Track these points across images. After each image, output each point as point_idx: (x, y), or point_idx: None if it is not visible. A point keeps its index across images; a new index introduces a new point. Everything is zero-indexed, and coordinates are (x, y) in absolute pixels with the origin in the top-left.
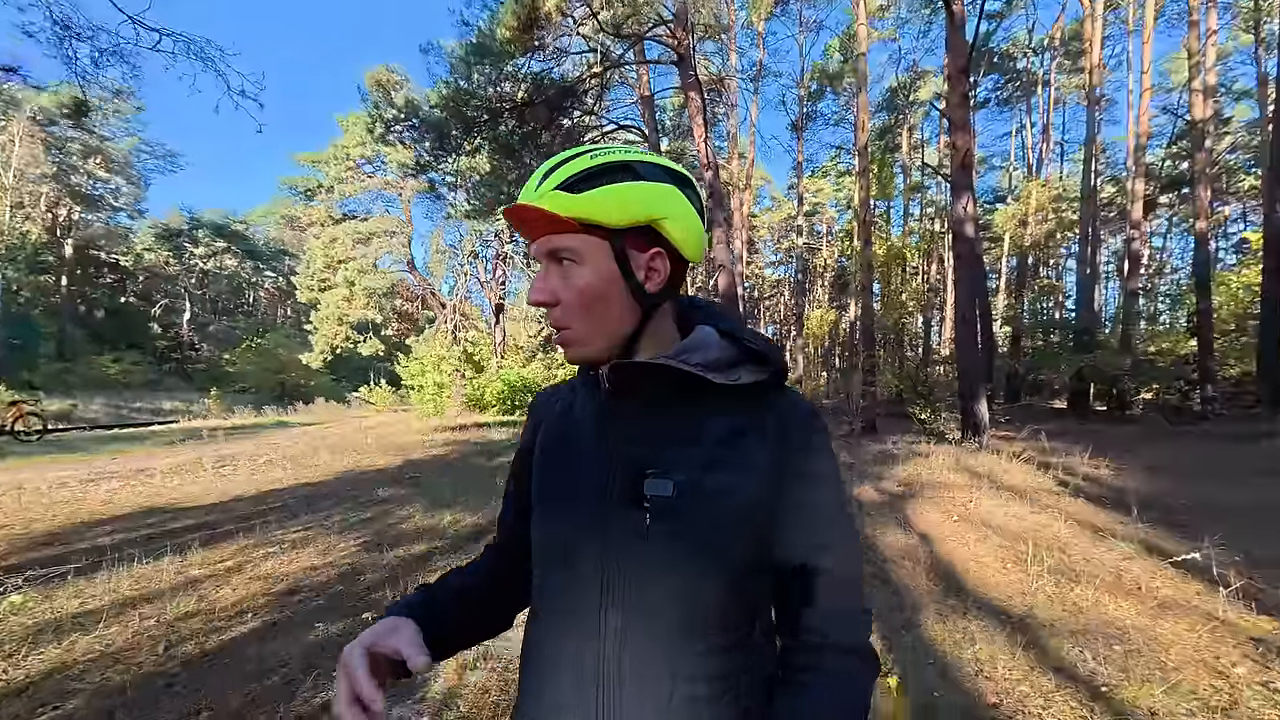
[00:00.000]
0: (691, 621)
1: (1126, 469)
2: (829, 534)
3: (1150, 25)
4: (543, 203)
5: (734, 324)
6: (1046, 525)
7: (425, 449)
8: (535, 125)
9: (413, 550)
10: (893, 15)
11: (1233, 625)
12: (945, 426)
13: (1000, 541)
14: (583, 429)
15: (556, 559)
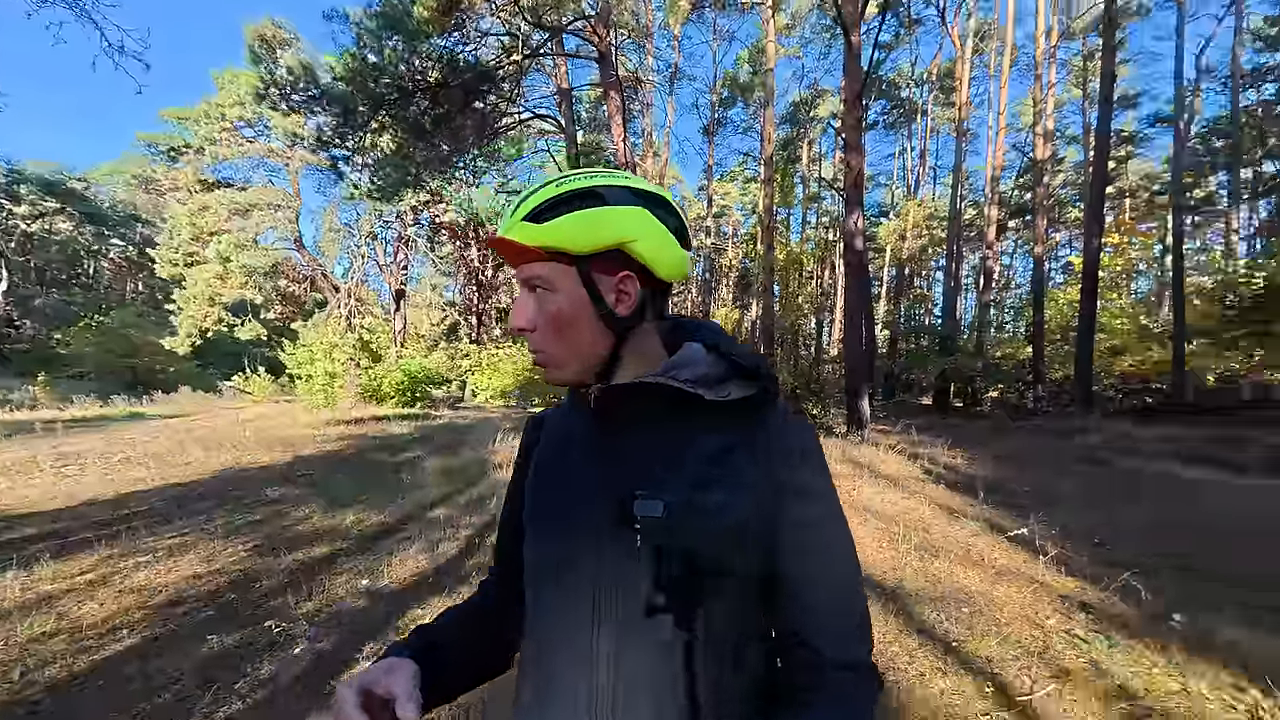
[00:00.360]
0: (685, 642)
1: (977, 459)
2: (826, 551)
3: (1006, 73)
4: (512, 234)
5: (722, 340)
6: (914, 509)
7: (316, 444)
8: (449, 107)
9: (313, 553)
10: (798, 35)
11: (1048, 586)
12: (833, 421)
13: (877, 524)
14: (573, 450)
15: (548, 581)
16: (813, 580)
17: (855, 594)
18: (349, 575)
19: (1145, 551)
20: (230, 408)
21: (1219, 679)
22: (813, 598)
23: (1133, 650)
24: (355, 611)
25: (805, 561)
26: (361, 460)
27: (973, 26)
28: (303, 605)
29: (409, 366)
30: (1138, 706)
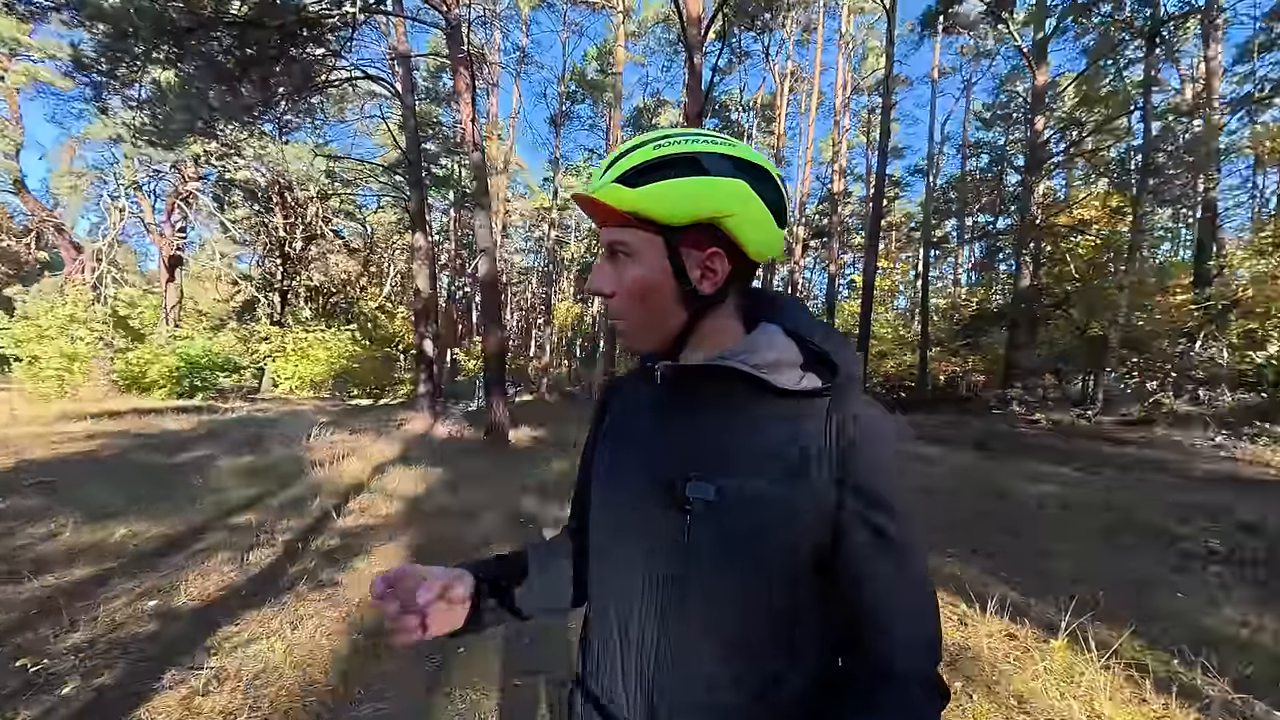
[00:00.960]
0: (727, 628)
1: None
2: (897, 558)
3: (813, 113)
4: (601, 194)
5: (802, 322)
6: None
7: (51, 444)
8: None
9: (71, 575)
10: (644, 43)
11: None
12: None
13: None
14: (638, 423)
15: (603, 552)
16: (884, 591)
17: (928, 606)
18: (129, 597)
19: None
20: None
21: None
22: (882, 604)
23: None
24: (144, 637)
25: (875, 570)
26: (125, 462)
27: (790, 68)
28: (67, 637)
29: (188, 350)
30: None
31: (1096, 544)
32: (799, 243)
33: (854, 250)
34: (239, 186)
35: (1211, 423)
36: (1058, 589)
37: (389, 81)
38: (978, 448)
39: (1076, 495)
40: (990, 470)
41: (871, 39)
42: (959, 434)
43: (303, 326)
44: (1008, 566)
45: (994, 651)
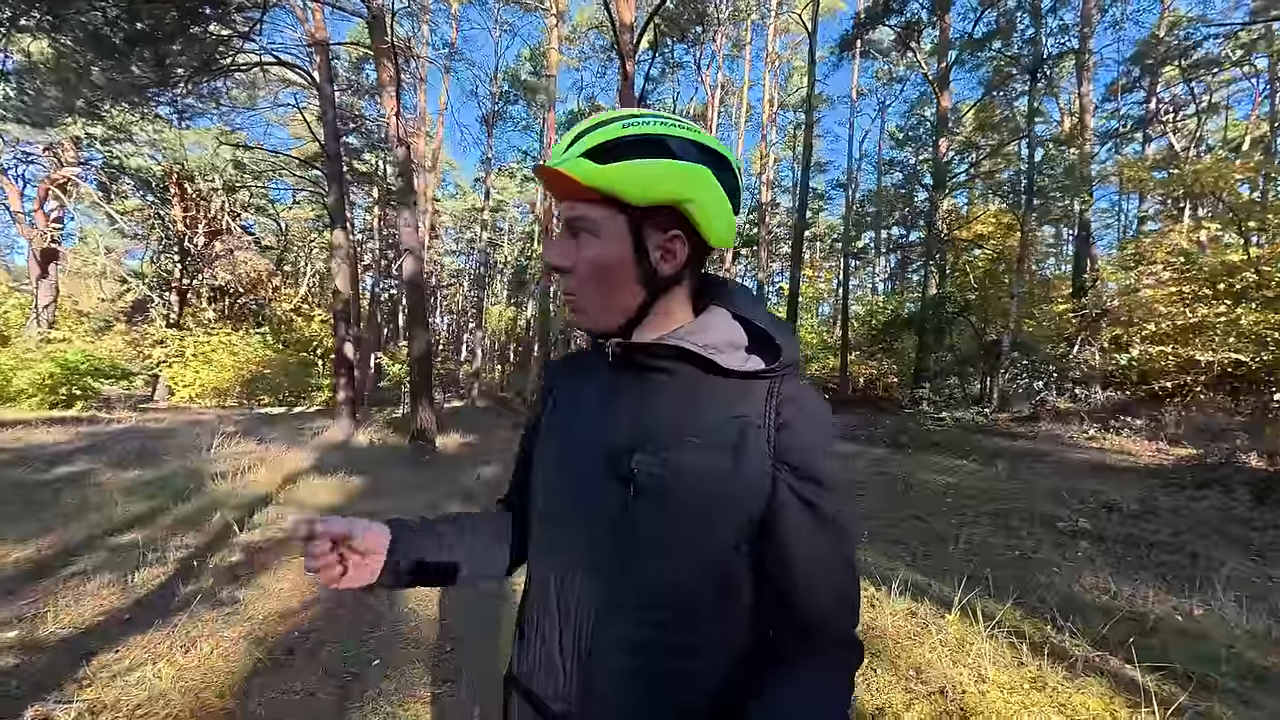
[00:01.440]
0: (664, 598)
1: None
2: (827, 530)
3: (742, 125)
4: (568, 168)
5: (750, 308)
6: None
7: None
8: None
9: None
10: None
11: None
12: None
13: None
14: (587, 398)
15: (546, 526)
16: (809, 557)
17: (851, 574)
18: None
19: None
20: None
21: None
22: (808, 574)
23: None
24: (2, 672)
25: (806, 541)
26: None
27: (720, 80)
28: None
29: (66, 355)
30: None
31: (988, 527)
32: (729, 250)
33: (782, 259)
34: (129, 175)
35: (1086, 418)
36: (955, 569)
37: (305, 69)
38: (891, 444)
39: (974, 484)
40: (900, 464)
41: (796, 58)
42: (874, 431)
43: (205, 329)
44: (912, 551)
45: (898, 629)
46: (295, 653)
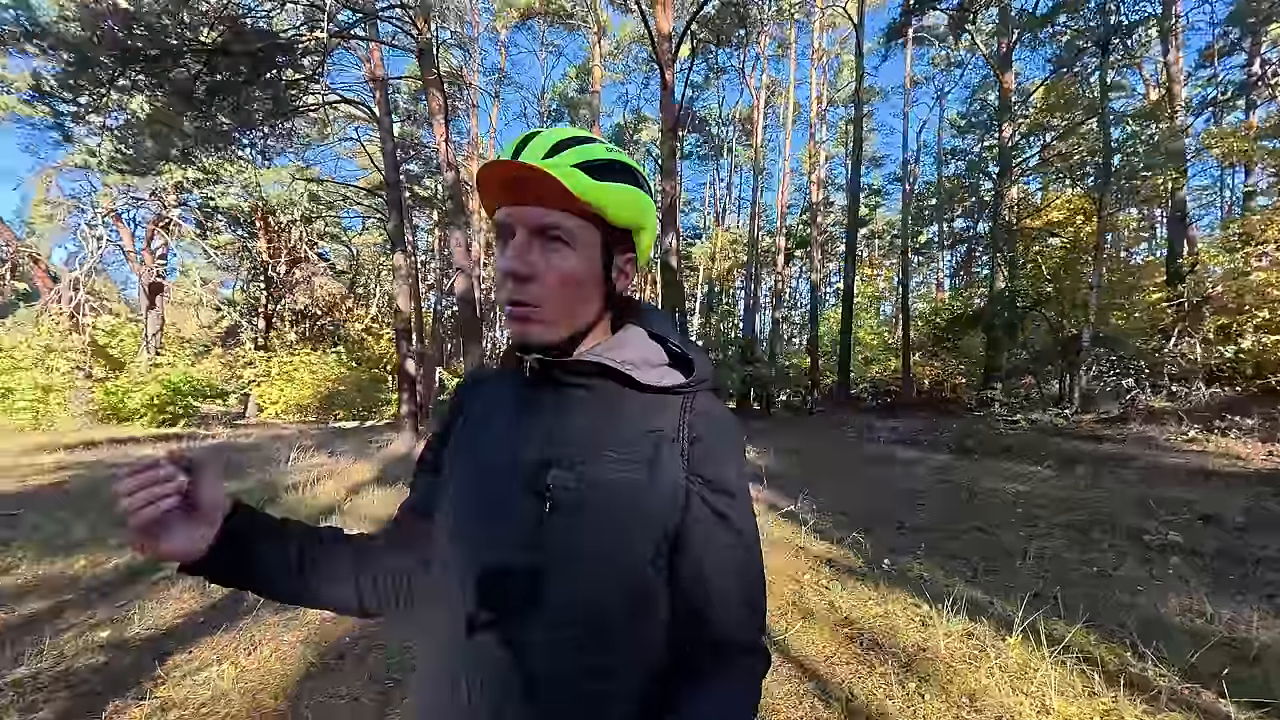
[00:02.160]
0: (579, 617)
1: (766, 451)
2: (733, 540)
3: (789, 126)
4: (561, 174)
5: (665, 326)
6: None
7: (19, 477)
8: (232, 76)
9: (23, 609)
10: (622, 63)
11: (807, 550)
12: None
13: None
14: (500, 414)
15: (456, 541)
16: (720, 569)
17: (756, 582)
18: (80, 629)
19: (873, 515)
20: None
21: (907, 602)
22: (719, 585)
23: (857, 590)
24: (91, 669)
25: (717, 553)
26: (94, 494)
27: (765, 81)
28: (10, 672)
29: (170, 377)
30: (853, 629)
31: (1062, 540)
32: (781, 252)
33: (838, 259)
34: (221, 213)
35: (1185, 417)
36: (1021, 586)
37: (367, 105)
38: (955, 449)
39: (1048, 492)
40: (965, 471)
41: (844, 52)
42: (938, 436)
43: (288, 350)
44: (973, 566)
45: (951, 651)
46: (345, 658)
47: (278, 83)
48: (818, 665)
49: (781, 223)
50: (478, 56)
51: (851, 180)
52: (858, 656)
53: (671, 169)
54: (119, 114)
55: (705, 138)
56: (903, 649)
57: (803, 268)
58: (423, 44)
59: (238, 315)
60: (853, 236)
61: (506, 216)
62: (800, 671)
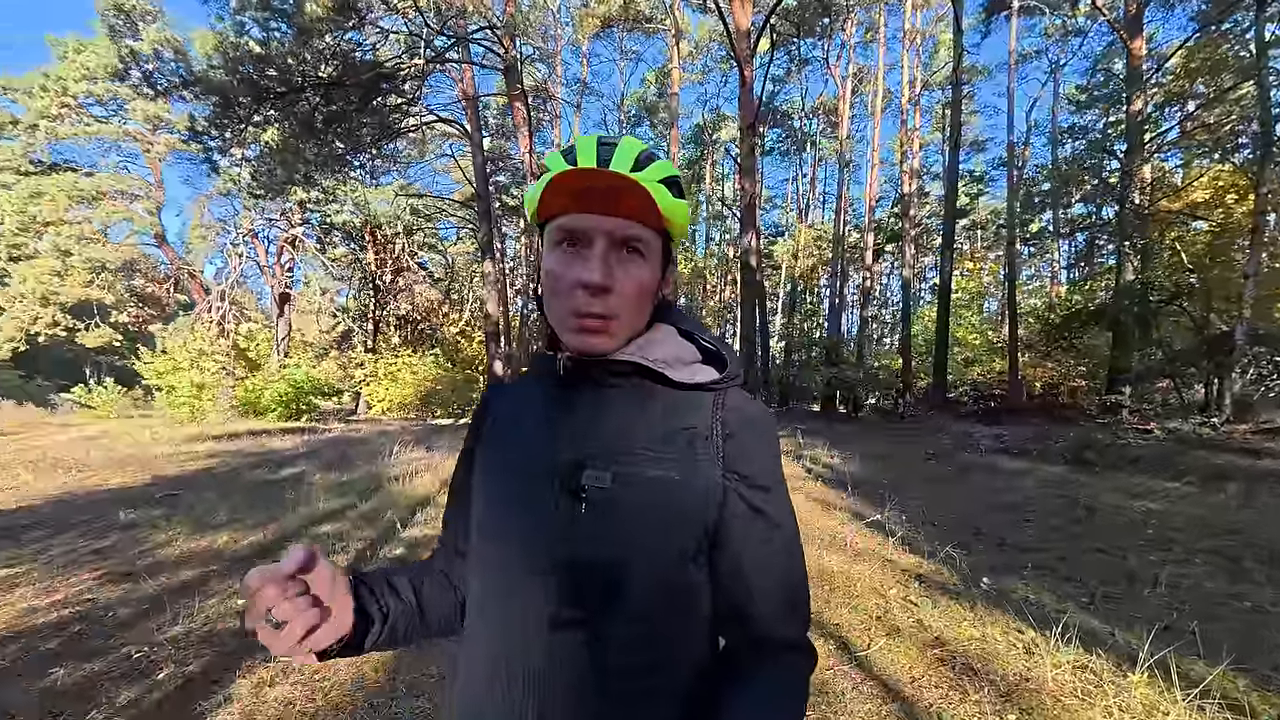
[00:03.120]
0: (619, 614)
1: (852, 458)
2: (773, 536)
3: (879, 114)
4: (650, 187)
5: (693, 325)
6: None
7: (180, 463)
8: (344, 106)
9: (179, 577)
10: (700, 62)
11: (895, 563)
12: None
13: None
14: (531, 416)
15: (492, 544)
16: (762, 567)
17: (799, 578)
18: (221, 597)
19: (970, 529)
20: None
21: (1009, 625)
22: (759, 581)
23: (950, 609)
24: (229, 633)
25: (756, 548)
26: (236, 478)
27: (852, 70)
28: (167, 630)
29: (294, 376)
30: (945, 651)
31: (1204, 568)
32: (869, 248)
33: (934, 253)
34: (337, 229)
35: None
36: (1149, 617)
37: (460, 123)
38: (1071, 460)
39: (1187, 512)
40: (1083, 485)
41: (941, 30)
42: (1050, 445)
43: (392, 352)
44: (1088, 591)
45: (1061, 684)
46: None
47: (382, 108)
48: (903, 686)
49: (870, 216)
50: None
51: (949, 168)
52: (949, 680)
53: (751, 167)
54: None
55: (787, 132)
56: (1002, 677)
57: (894, 263)
58: (508, 61)
59: (350, 321)
60: (950, 228)
61: (584, 224)
62: (883, 691)
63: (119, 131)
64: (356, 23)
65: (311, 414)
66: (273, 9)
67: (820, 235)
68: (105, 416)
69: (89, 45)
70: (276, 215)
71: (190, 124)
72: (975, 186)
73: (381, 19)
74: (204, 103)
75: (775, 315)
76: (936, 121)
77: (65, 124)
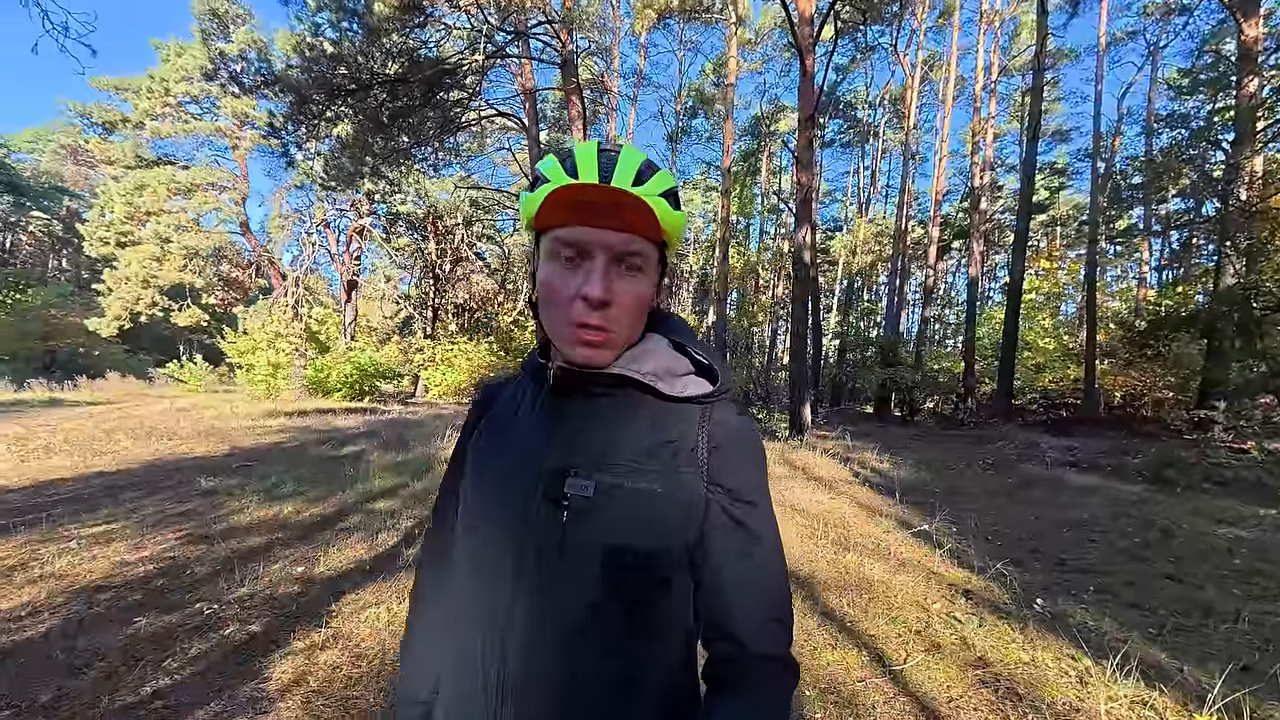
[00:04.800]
0: (596, 622)
1: (903, 463)
2: (756, 551)
3: (949, 104)
4: (655, 204)
5: (686, 336)
6: (838, 508)
7: (255, 436)
8: (409, 101)
9: (247, 542)
10: (760, 51)
11: (940, 576)
12: (776, 425)
13: (802, 521)
14: (521, 422)
15: (476, 547)
16: (743, 580)
17: (781, 593)
18: (285, 563)
19: (1027, 546)
20: (162, 396)
21: (1062, 651)
22: (741, 596)
23: (997, 628)
24: (288, 597)
25: (737, 561)
26: (303, 453)
27: (921, 57)
28: (235, 590)
29: (359, 359)
30: (988, 673)
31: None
32: (934, 244)
33: (1005, 250)
34: (402, 219)
35: None
36: (1224, 654)
37: (518, 117)
38: (1150, 478)
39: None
40: (1161, 505)
41: (1025, 11)
42: (1126, 461)
43: (449, 339)
44: (1158, 621)
45: (1116, 719)
46: None
47: (445, 103)
48: (939, 705)
49: (936, 211)
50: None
51: (1026, 159)
52: (990, 704)
53: (809, 160)
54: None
55: (849, 122)
56: (1050, 705)
57: (960, 261)
58: (565, 55)
59: (411, 308)
60: (1025, 224)
61: (584, 237)
62: (917, 708)
63: (211, 128)
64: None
65: (373, 395)
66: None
67: (881, 230)
68: (195, 390)
69: (187, 48)
70: (347, 206)
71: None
72: (1056, 180)
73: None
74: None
75: (830, 313)
76: (1014, 110)
77: (166, 122)
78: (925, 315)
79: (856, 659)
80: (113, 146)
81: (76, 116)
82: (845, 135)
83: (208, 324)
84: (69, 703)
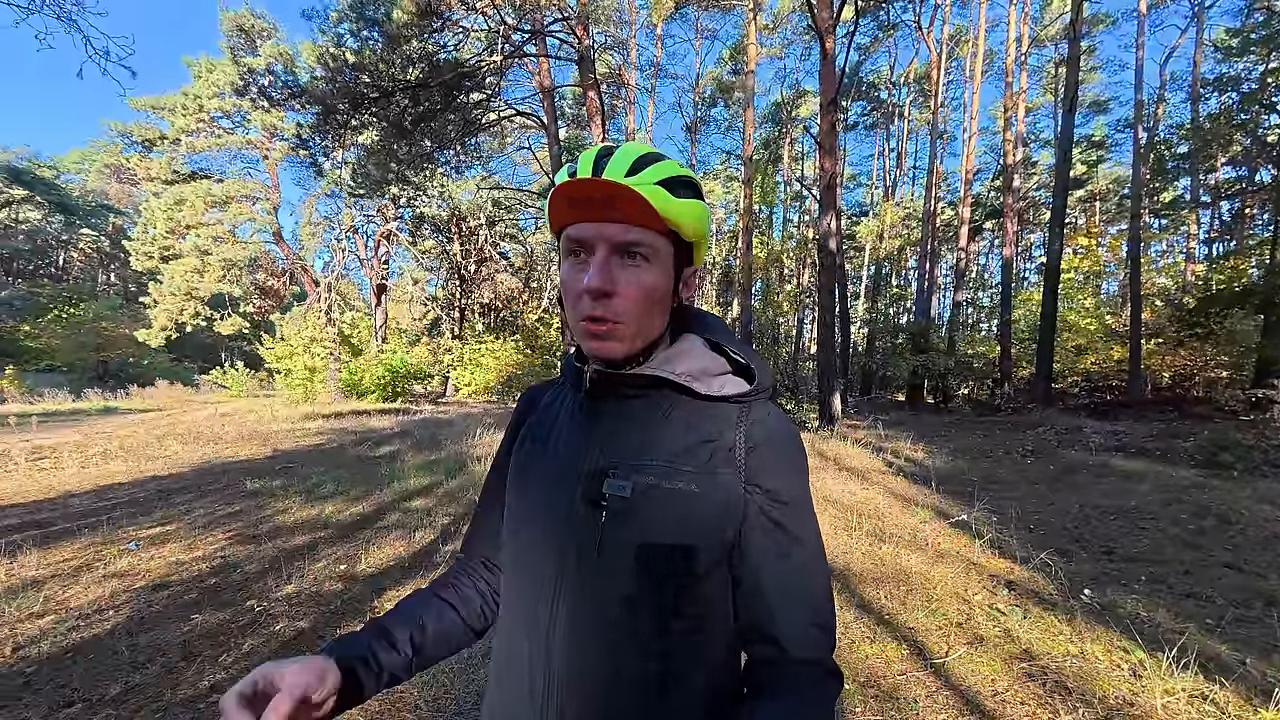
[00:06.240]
0: (636, 622)
1: (938, 452)
2: (797, 553)
3: (978, 79)
4: (648, 192)
5: (722, 334)
6: (872, 498)
7: (295, 438)
8: (431, 106)
9: (293, 541)
10: (779, 35)
11: (981, 566)
12: (806, 416)
13: (835, 512)
14: (560, 425)
15: (518, 551)
16: (782, 582)
17: (823, 596)
18: (328, 561)
19: (1072, 535)
20: (207, 402)
21: (1113, 643)
22: (782, 599)
23: (1042, 620)
24: (332, 594)
25: (776, 563)
26: (341, 454)
27: (947, 33)
28: (283, 588)
29: (390, 361)
30: (1035, 665)
31: None
32: (965, 224)
33: (1041, 228)
34: (427, 222)
35: None
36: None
37: (537, 115)
38: (1203, 463)
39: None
40: (1216, 491)
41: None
42: (1177, 444)
43: (476, 339)
44: (1217, 612)
45: (1172, 714)
46: None
47: (465, 105)
48: (983, 699)
49: (966, 191)
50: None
51: (1063, 132)
52: (1037, 698)
53: (832, 145)
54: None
55: (873, 104)
56: (1101, 700)
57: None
58: (582, 51)
59: (439, 309)
60: (1062, 201)
61: (586, 233)
62: (961, 702)
63: (242, 141)
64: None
65: (405, 396)
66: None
67: (909, 213)
68: (237, 395)
69: (218, 64)
70: (374, 211)
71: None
72: (1094, 153)
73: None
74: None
75: (857, 300)
76: (1047, 82)
77: (201, 137)
78: (957, 299)
79: (896, 652)
80: (153, 163)
81: (118, 136)
82: (869, 117)
83: (247, 331)
84: (135, 695)
